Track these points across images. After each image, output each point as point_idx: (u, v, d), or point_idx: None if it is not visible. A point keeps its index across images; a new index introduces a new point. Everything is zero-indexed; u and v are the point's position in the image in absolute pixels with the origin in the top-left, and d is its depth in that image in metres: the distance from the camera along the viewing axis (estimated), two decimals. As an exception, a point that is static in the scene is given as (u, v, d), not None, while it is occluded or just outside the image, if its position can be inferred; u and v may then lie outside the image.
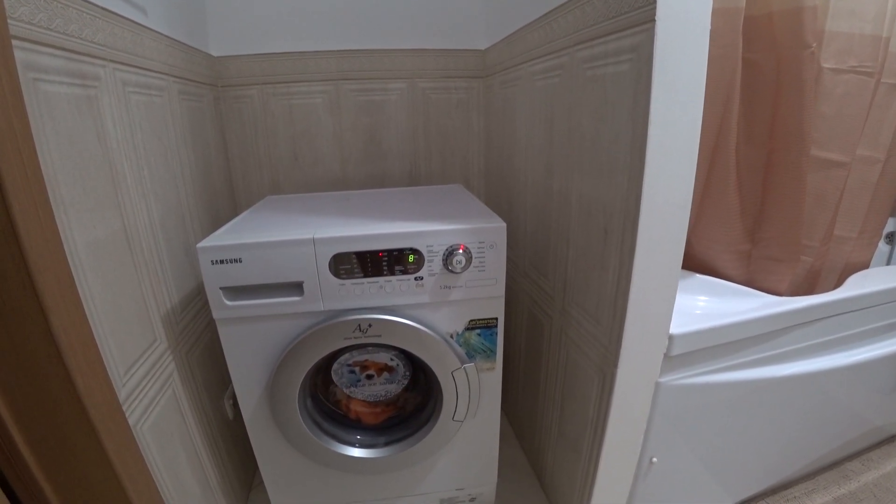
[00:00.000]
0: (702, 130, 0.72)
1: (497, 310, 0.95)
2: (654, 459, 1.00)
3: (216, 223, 1.00)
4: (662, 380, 0.91)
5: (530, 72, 1.10)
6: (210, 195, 1.26)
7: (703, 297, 1.07)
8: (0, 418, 0.67)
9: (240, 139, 1.45)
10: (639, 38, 0.69)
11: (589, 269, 0.92)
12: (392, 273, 0.89)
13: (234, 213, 1.09)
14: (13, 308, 0.62)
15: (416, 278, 0.89)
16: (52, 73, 0.67)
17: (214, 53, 1.34)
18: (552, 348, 1.12)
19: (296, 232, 0.87)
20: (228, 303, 0.87)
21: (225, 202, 1.40)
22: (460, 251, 0.87)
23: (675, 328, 0.86)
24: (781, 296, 1.04)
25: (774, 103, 0.97)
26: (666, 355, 0.88)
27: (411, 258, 0.88)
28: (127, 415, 0.78)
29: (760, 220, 1.04)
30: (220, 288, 0.86)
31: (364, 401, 1.09)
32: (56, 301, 0.64)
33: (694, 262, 1.15)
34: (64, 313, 0.66)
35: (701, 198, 1.09)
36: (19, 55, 0.60)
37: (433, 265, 0.89)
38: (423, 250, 0.88)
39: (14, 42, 0.59)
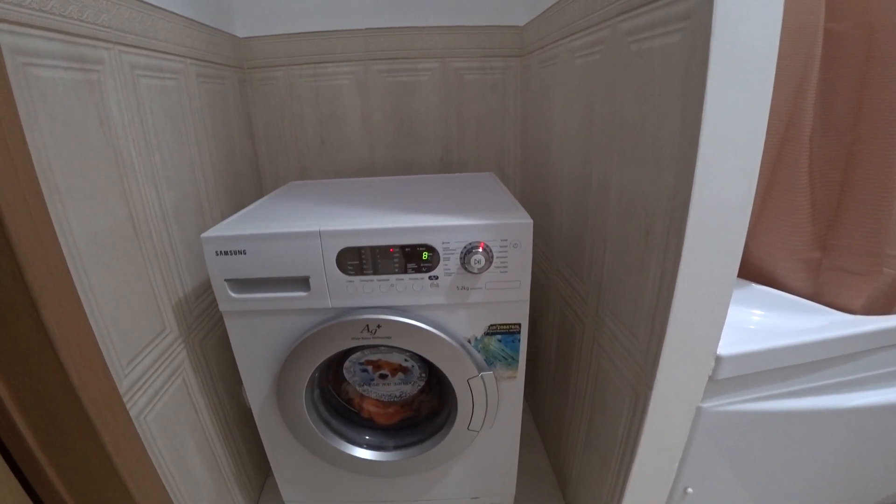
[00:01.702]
0: (769, 116, 0.59)
1: (521, 315, 0.87)
2: (690, 490, 0.90)
3: (239, 209, 0.97)
4: (705, 405, 0.80)
5: (569, 48, 0.99)
6: (233, 181, 1.24)
7: (758, 311, 0.94)
8: (5, 409, 0.66)
9: (266, 123, 1.41)
10: (693, 1, 0.57)
11: (626, 275, 0.81)
12: (404, 271, 0.82)
13: (257, 200, 1.07)
14: (5, 300, 0.60)
15: (430, 277, 0.82)
16: (45, 58, 0.64)
17: (240, 34, 1.31)
18: (583, 356, 1.03)
19: (302, 223, 0.82)
20: (234, 295, 0.83)
21: (250, 188, 1.38)
22: (479, 250, 0.79)
23: (723, 348, 0.75)
24: (854, 314, 0.89)
25: (861, 85, 0.81)
26: (711, 378, 0.77)
27: (425, 255, 0.81)
28: (129, 406, 0.77)
29: (835, 225, 0.89)
30: (226, 280, 0.82)
31: (377, 400, 1.04)
32: (48, 292, 0.62)
33: (750, 270, 1.01)
34: (56, 305, 0.64)
35: (763, 196, 0.94)
36: (5, 39, 0.57)
37: (450, 264, 0.81)
38: (439, 247, 0.80)
39: (0, 25, 0.56)
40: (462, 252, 0.80)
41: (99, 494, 0.75)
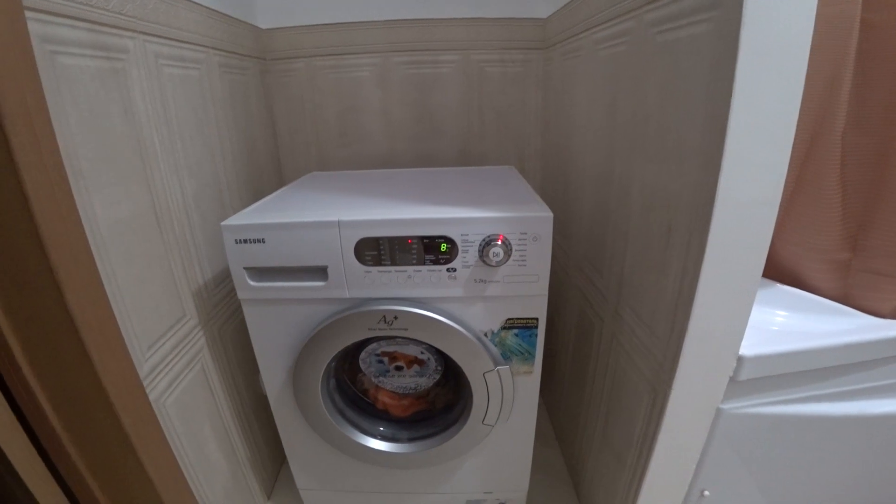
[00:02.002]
0: (800, 111, 0.57)
1: (539, 309, 0.86)
2: (706, 493, 0.88)
3: (258, 199, 0.98)
4: (725, 406, 0.78)
5: (593, 40, 0.97)
6: (253, 171, 1.25)
7: (782, 312, 0.91)
8: (31, 390, 0.68)
9: (286, 114, 1.42)
10: (723, -10, 0.55)
11: (647, 271, 0.80)
12: (422, 262, 0.81)
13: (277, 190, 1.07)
14: (29, 283, 0.62)
15: (448, 269, 0.82)
16: (72, 46, 0.64)
17: (262, 26, 1.31)
18: (601, 352, 1.01)
19: (321, 213, 0.82)
20: (252, 283, 0.84)
21: (270, 178, 1.39)
22: (498, 243, 0.78)
23: (746, 348, 0.73)
24: (883, 318, 0.86)
25: (900, 80, 0.78)
26: (732, 379, 0.75)
27: (443, 247, 0.80)
28: (148, 390, 0.78)
29: (866, 225, 0.85)
30: (245, 268, 0.83)
31: (392, 392, 1.05)
32: (71, 276, 0.63)
33: (776, 270, 0.98)
34: (80, 289, 0.65)
35: (791, 194, 0.91)
36: (34, 27, 0.58)
37: (468, 256, 0.81)
38: (457, 239, 0.80)
39: (29, 14, 0.57)
40: (481, 244, 0.79)
41: (118, 475, 0.77)
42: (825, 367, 0.80)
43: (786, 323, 0.89)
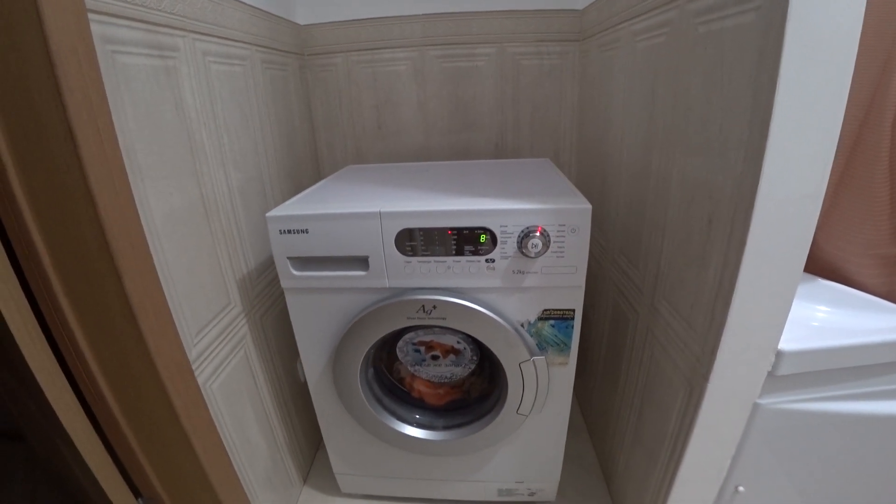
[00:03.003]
0: (848, 101, 0.56)
1: (576, 301, 0.87)
2: (741, 489, 0.87)
3: (298, 192, 1.01)
4: (763, 401, 0.77)
5: (631, 31, 0.96)
6: (293, 164, 1.28)
7: (823, 307, 0.89)
8: (91, 371, 0.72)
9: (325, 108, 1.45)
10: (773, -23, 0.54)
11: (686, 265, 0.79)
12: (461, 253, 0.83)
13: (317, 182, 1.10)
14: (92, 269, 0.65)
15: (487, 260, 0.83)
16: (129, 45, 0.68)
17: (301, 22, 1.34)
18: (636, 346, 1.01)
19: (363, 205, 0.84)
20: (295, 273, 0.87)
21: (309, 171, 1.42)
22: (537, 234, 0.79)
23: (785, 343, 0.72)
24: (933, 314, 0.84)
25: (955, 69, 0.76)
26: (770, 374, 0.74)
27: (483, 238, 0.82)
28: (196, 373, 0.82)
29: (918, 219, 0.83)
30: (288, 258, 0.86)
31: (428, 381, 1.07)
32: (130, 264, 0.67)
33: (818, 265, 0.96)
34: (137, 276, 0.69)
35: (836, 186, 0.89)
36: (96, 28, 0.61)
37: (507, 247, 0.82)
38: (497, 231, 0.81)
39: (90, 16, 0.60)
40: (519, 236, 0.80)
41: (169, 454, 0.81)
42: (867, 365, 0.78)
43: (827, 318, 0.88)
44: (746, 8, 0.60)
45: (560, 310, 0.87)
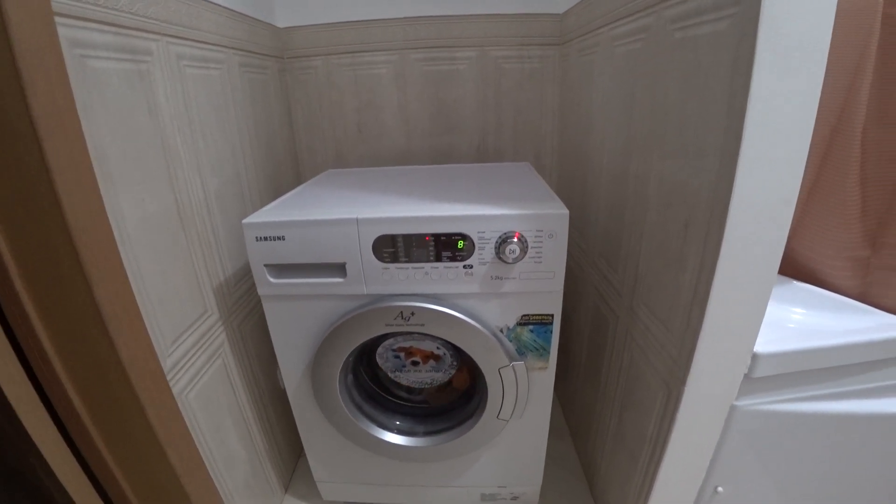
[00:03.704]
0: (819, 106, 0.57)
1: (554, 306, 0.87)
2: (720, 489, 0.88)
3: (278, 196, 1.00)
4: (740, 403, 0.78)
5: (610, 36, 0.97)
6: (273, 168, 1.27)
7: (798, 310, 0.90)
8: (61, 385, 0.70)
9: (305, 111, 1.44)
10: (745, -14, 0.55)
11: (663, 268, 0.80)
12: (439, 259, 0.83)
13: (297, 187, 1.09)
14: (61, 278, 0.64)
15: (464, 266, 0.83)
16: (100, 50, 0.66)
17: (280, 25, 1.33)
18: (616, 348, 1.02)
19: (340, 211, 0.83)
20: (273, 280, 0.86)
21: (289, 175, 1.41)
22: (514, 240, 0.79)
23: (761, 346, 0.73)
24: (904, 315, 0.86)
25: (922, 75, 0.77)
26: (747, 376, 0.75)
27: (460, 244, 0.81)
28: (172, 383, 0.80)
29: (887, 222, 0.84)
30: (265, 265, 0.85)
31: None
32: (101, 272, 0.65)
33: (792, 267, 0.98)
34: (108, 284, 0.67)
35: (809, 190, 0.91)
36: (64, 32, 0.60)
37: (484, 253, 0.82)
38: (474, 236, 0.81)
39: (58, 19, 0.59)
40: (497, 242, 0.80)
41: (144, 466, 0.79)
42: (842, 365, 0.79)
43: (802, 320, 0.89)
44: (721, 15, 0.60)
45: (539, 315, 0.87)
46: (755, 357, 0.73)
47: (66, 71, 0.60)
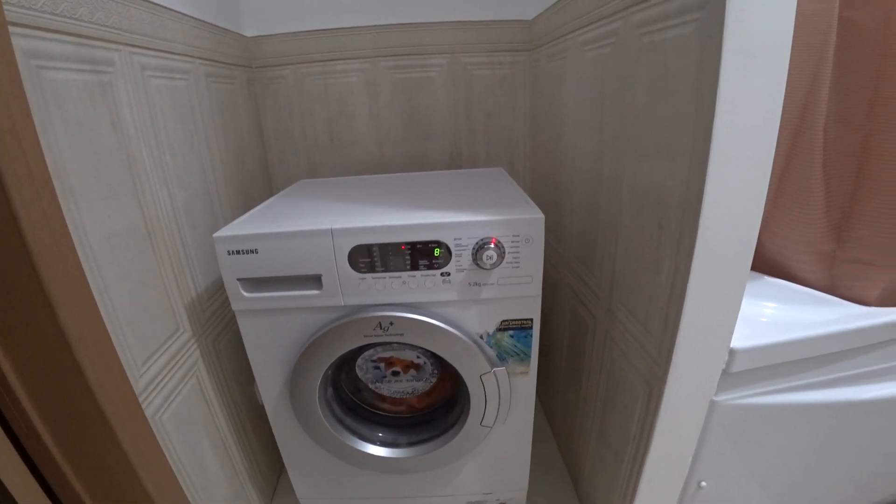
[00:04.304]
0: (783, 107, 0.59)
1: (533, 310, 0.87)
2: (703, 484, 0.89)
3: (249, 208, 0.97)
4: (719, 398, 0.79)
5: (579, 41, 0.98)
6: (243, 179, 1.24)
7: (771, 304, 0.93)
8: (23, 410, 0.67)
9: (275, 121, 1.42)
10: (708, -10, 0.56)
11: (639, 269, 0.81)
12: (416, 268, 0.82)
13: (269, 198, 1.07)
14: (21, 300, 0.61)
15: (442, 274, 0.82)
16: (58, 60, 0.64)
17: (248, 34, 1.31)
18: (595, 350, 1.02)
19: (314, 221, 0.82)
20: (246, 294, 0.84)
21: (260, 186, 1.38)
22: (491, 246, 0.79)
23: (737, 341, 0.74)
24: (869, 306, 0.88)
25: (878, 74, 0.80)
26: (725, 371, 0.76)
27: (437, 252, 0.81)
28: (144, 405, 0.77)
29: (850, 217, 0.88)
30: (238, 279, 0.83)
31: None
32: (63, 293, 0.63)
33: (763, 263, 1.00)
34: (72, 305, 0.64)
35: (776, 188, 0.93)
36: (19, 43, 0.58)
37: (462, 260, 0.81)
38: (451, 244, 0.80)
39: (13, 29, 0.57)
40: (474, 248, 0.80)
41: (117, 494, 0.76)
42: (814, 356, 0.82)
43: (775, 314, 0.91)
44: (686, 20, 0.61)
45: (518, 320, 0.87)
46: (732, 352, 0.75)
47: (21, 83, 0.57)
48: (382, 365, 0.99)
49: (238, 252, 0.80)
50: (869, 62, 0.81)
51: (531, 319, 0.87)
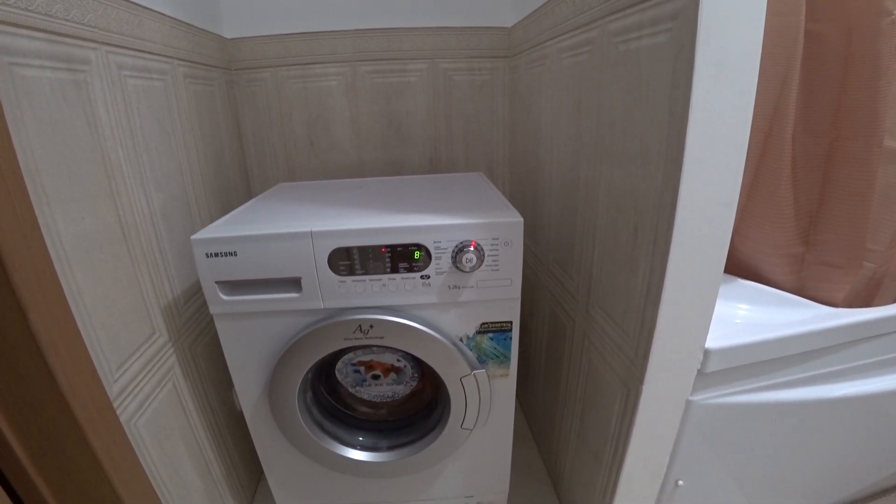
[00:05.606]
0: (753, 114, 0.61)
1: (512, 313, 0.88)
2: (681, 482, 0.91)
3: (227, 211, 0.96)
4: (694, 398, 0.81)
5: (557, 49, 1.00)
6: (221, 183, 1.23)
7: (744, 306, 0.96)
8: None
9: (254, 124, 1.41)
10: (680, 2, 0.58)
11: (616, 272, 0.82)
12: (396, 271, 0.82)
13: (248, 201, 1.06)
14: (-10, 304, 0.59)
15: (422, 277, 0.83)
16: (31, 57, 0.63)
17: (228, 35, 1.30)
18: (574, 352, 1.04)
19: (293, 224, 0.81)
20: (225, 297, 0.83)
21: (238, 190, 1.37)
22: (471, 248, 0.79)
23: (711, 342, 0.76)
24: (836, 307, 0.92)
25: (842, 84, 0.84)
26: (700, 371, 0.78)
27: (417, 255, 0.81)
28: (119, 411, 0.75)
29: (817, 220, 0.91)
30: (216, 282, 0.82)
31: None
32: (35, 297, 0.61)
33: (736, 266, 1.03)
34: (44, 309, 0.63)
35: (748, 193, 0.96)
36: (-9, 38, 0.56)
37: (441, 263, 0.82)
38: (430, 246, 0.81)
39: (-17, 24, 0.56)
40: (453, 251, 0.80)
41: (89, 502, 0.74)
42: (786, 356, 0.84)
43: (748, 316, 0.94)
44: (659, 29, 0.63)
45: (498, 322, 0.87)
46: (707, 353, 0.77)
47: (-9, 81, 0.56)
48: (363, 368, 0.99)
49: (216, 255, 0.79)
50: (833, 72, 0.84)
51: (511, 322, 0.88)
